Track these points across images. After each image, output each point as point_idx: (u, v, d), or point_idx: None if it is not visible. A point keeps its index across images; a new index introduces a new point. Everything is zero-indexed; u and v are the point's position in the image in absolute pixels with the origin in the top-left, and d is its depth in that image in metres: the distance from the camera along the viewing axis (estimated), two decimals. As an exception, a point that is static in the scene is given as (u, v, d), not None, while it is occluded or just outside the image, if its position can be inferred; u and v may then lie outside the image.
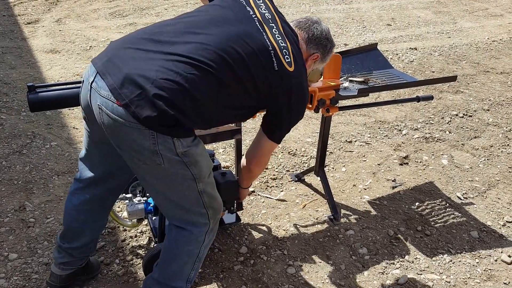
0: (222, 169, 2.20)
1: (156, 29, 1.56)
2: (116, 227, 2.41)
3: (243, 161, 1.89)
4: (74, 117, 3.53)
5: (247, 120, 1.94)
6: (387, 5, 7.15)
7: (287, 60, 1.58)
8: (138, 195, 2.27)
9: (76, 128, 3.37)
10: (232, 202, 2.13)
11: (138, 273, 2.13)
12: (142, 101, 1.39)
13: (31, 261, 2.18)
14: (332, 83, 2.24)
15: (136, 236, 2.36)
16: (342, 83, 2.31)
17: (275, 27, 1.62)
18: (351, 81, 2.39)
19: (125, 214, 2.38)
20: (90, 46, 5.03)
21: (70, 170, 2.86)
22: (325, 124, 2.44)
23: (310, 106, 2.21)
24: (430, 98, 2.58)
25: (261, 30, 1.58)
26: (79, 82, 1.77)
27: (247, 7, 1.62)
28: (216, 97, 1.51)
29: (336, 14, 6.55)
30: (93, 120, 1.54)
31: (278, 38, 1.60)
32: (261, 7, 1.65)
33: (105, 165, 1.75)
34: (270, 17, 1.64)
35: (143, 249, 2.27)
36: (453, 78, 2.40)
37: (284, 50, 1.59)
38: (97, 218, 1.90)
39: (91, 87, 1.49)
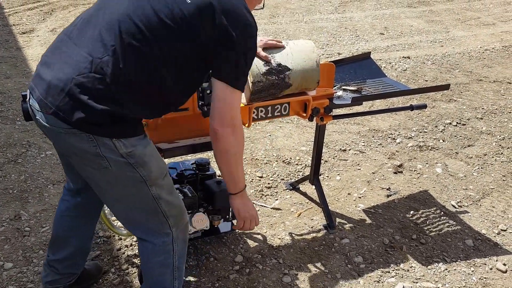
0: (217, 177, 2.21)
1: (71, 27, 1.49)
2: (112, 236, 2.40)
3: (214, 142, 1.58)
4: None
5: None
6: (380, 14, 7.23)
7: None
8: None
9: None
10: (227, 211, 2.13)
11: (134, 282, 2.12)
12: (68, 104, 1.33)
13: (27, 270, 2.17)
14: (326, 92, 2.26)
15: (131, 245, 2.35)
16: (336, 92, 2.33)
17: None
18: (344, 89, 2.41)
19: (120, 223, 2.37)
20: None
21: (65, 179, 2.85)
22: (320, 133, 2.45)
23: (304, 115, 2.23)
24: (424, 106, 2.61)
25: None
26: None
27: None
28: (145, 67, 1.38)
29: (329, 24, 6.61)
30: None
31: None
32: None
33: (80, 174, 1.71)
34: None
35: (138, 258, 2.26)
36: (446, 87, 2.42)
37: None
38: (82, 225, 1.87)
39: (30, 106, 1.47)
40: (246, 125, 2.10)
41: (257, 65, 1.94)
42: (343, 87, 2.42)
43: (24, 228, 2.44)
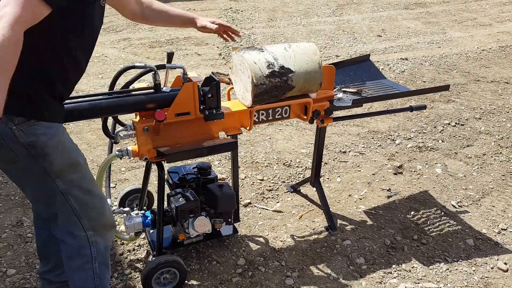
0: (219, 181, 2.21)
1: None
2: (114, 241, 2.41)
3: None
4: (70, 132, 3.46)
5: (243, 133, 1.94)
6: (377, 16, 7.26)
7: None
8: (135, 208, 2.27)
9: (72, 143, 3.38)
10: (229, 214, 2.14)
11: (137, 286, 2.12)
12: None
13: (30, 276, 2.17)
14: (326, 94, 2.27)
15: (134, 249, 2.35)
16: (336, 94, 2.35)
17: None
18: (344, 92, 2.42)
19: (122, 228, 2.38)
20: (85, 61, 5.04)
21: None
22: (320, 135, 2.47)
23: (305, 117, 2.24)
24: (423, 107, 2.63)
25: None
26: (81, 96, 1.80)
27: None
28: None
29: (327, 26, 6.63)
30: None
31: None
32: None
33: None
34: None
35: (141, 263, 2.27)
36: (445, 88, 2.44)
37: None
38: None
39: None
40: (248, 128, 2.11)
41: (260, 68, 1.96)
42: (343, 89, 2.44)
43: (27, 234, 2.45)
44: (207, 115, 1.99)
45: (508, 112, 4.07)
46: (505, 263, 2.34)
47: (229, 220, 2.15)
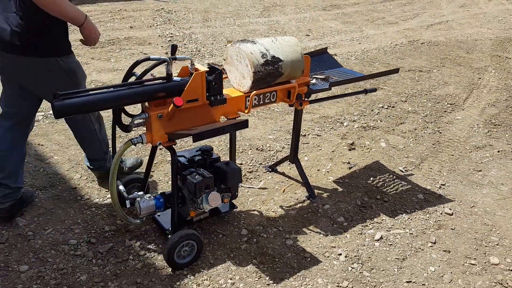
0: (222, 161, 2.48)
1: None
2: (118, 230, 2.54)
3: None
4: (35, 135, 3.50)
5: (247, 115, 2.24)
6: (301, 17, 7.89)
7: None
8: (135, 192, 2.44)
9: (42, 145, 3.36)
10: (236, 188, 2.42)
11: (156, 263, 2.31)
12: None
13: (44, 269, 2.24)
14: (304, 80, 2.65)
15: (141, 235, 2.52)
16: (311, 80, 2.74)
17: None
18: (316, 78, 2.83)
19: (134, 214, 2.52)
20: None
21: (51, 184, 2.89)
22: (298, 117, 2.84)
23: (289, 100, 2.59)
24: (374, 90, 3.13)
25: None
26: (100, 88, 1.97)
27: None
28: None
29: (260, 26, 7.09)
30: None
31: None
32: None
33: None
34: None
35: (152, 244, 2.44)
36: (396, 71, 2.96)
37: None
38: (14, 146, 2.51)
39: None
40: (246, 111, 2.41)
41: (256, 57, 2.27)
42: (314, 76, 2.84)
43: (27, 233, 2.48)
44: (212, 101, 2.25)
45: (427, 94, 4.83)
46: (450, 209, 2.92)
47: (236, 193, 2.43)
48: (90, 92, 1.98)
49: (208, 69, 2.22)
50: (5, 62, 2.35)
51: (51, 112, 3.90)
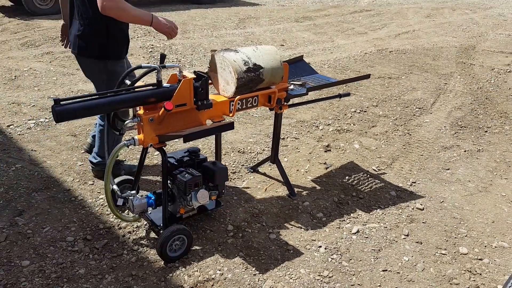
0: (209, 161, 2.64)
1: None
2: (112, 227, 2.67)
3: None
4: (28, 141, 3.58)
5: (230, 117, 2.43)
6: (275, 29, 8.17)
7: None
8: (127, 191, 2.57)
9: (35, 150, 3.45)
10: (223, 186, 2.58)
11: (149, 257, 2.45)
12: None
13: (45, 264, 2.35)
14: (283, 86, 2.86)
15: (133, 231, 2.65)
16: (289, 86, 2.95)
17: None
18: (294, 84, 3.05)
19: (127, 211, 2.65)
20: (15, 76, 4.95)
21: (46, 186, 2.99)
22: (278, 120, 3.05)
23: (269, 104, 2.79)
24: (348, 94, 3.38)
25: None
26: (96, 95, 2.12)
27: None
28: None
29: (237, 37, 7.32)
30: None
31: None
32: None
33: None
34: None
35: (144, 240, 2.58)
36: (367, 76, 3.21)
37: None
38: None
39: None
40: (231, 114, 2.60)
41: (239, 65, 2.47)
42: (292, 82, 3.06)
43: (26, 231, 2.58)
44: (199, 105, 2.43)
45: (396, 99, 5.14)
46: (421, 204, 3.16)
47: (223, 191, 2.59)
48: (87, 98, 2.12)
49: (195, 76, 2.40)
50: (79, 62, 2.82)
51: (41, 120, 3.99)
